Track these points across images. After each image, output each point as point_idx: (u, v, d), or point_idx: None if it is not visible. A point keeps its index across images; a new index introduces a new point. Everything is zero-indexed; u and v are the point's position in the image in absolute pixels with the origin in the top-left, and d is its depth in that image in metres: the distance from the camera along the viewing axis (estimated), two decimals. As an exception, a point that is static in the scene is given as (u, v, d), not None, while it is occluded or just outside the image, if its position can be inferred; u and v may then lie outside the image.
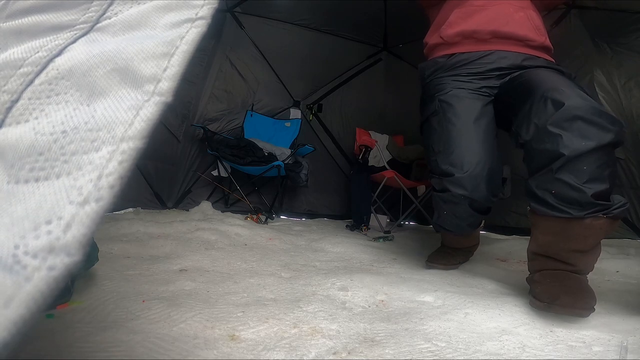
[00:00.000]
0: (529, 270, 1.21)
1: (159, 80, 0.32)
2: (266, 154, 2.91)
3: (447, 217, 1.47)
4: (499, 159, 1.46)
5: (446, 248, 1.68)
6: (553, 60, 1.47)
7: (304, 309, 1.04)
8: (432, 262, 1.62)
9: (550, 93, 1.14)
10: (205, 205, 2.78)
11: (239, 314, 0.96)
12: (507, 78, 1.41)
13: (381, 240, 2.31)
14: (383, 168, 3.03)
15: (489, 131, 1.43)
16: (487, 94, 1.45)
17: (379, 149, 3.16)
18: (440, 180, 1.42)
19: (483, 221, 1.64)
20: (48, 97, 0.34)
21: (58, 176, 0.28)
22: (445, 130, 1.43)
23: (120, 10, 0.41)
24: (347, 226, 2.81)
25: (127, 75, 0.33)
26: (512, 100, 1.33)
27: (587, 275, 1.14)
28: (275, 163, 2.70)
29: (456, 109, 1.43)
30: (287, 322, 0.93)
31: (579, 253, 1.09)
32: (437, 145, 1.45)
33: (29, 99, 0.34)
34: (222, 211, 2.81)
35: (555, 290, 1.03)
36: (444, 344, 0.86)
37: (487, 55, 1.45)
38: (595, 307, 1.00)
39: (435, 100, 1.50)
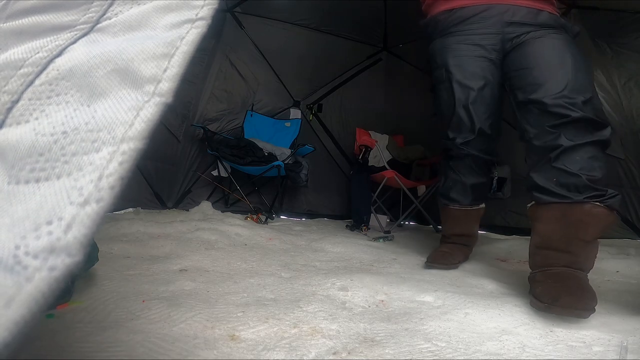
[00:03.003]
0: (530, 267, 1.22)
1: (159, 81, 0.32)
2: (266, 154, 2.91)
3: (453, 184, 1.63)
4: (500, 118, 1.57)
5: (445, 246, 1.69)
6: (557, 13, 1.43)
7: (304, 309, 1.04)
8: (431, 262, 1.61)
9: (551, 100, 1.20)
10: (205, 205, 2.78)
11: (239, 314, 0.96)
12: (510, 49, 1.40)
13: (381, 240, 2.31)
14: (383, 168, 3.03)
15: (493, 96, 1.49)
16: (492, 58, 1.45)
17: (379, 149, 3.16)
18: (445, 143, 1.61)
19: (484, 206, 1.72)
20: (48, 97, 0.34)
21: (58, 177, 0.28)
22: (451, 99, 1.53)
23: (120, 11, 0.41)
24: (347, 226, 2.81)
25: (128, 76, 0.33)
26: (514, 89, 1.36)
27: (587, 275, 1.14)
28: (275, 163, 2.70)
29: (460, 78, 1.49)
30: (287, 322, 0.93)
31: (581, 242, 1.12)
32: (443, 112, 1.59)
33: (30, 99, 0.34)
34: (222, 211, 2.82)
35: (556, 290, 1.03)
36: (444, 344, 0.86)
37: (487, 10, 1.44)
38: (595, 307, 1.00)
39: (441, 68, 1.55)
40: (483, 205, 1.71)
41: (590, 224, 1.13)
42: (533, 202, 1.26)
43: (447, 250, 1.65)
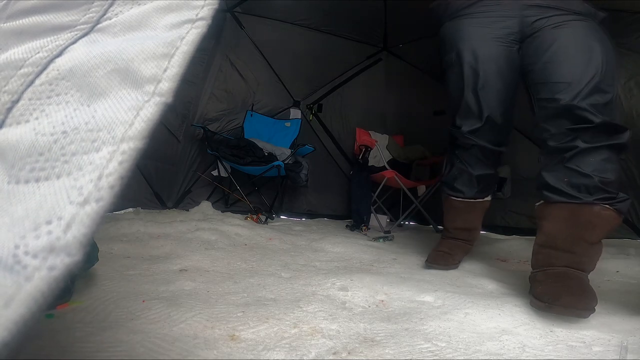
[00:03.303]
0: (532, 266, 1.21)
1: (159, 81, 0.32)
2: (266, 154, 2.91)
3: (458, 174, 1.57)
4: (512, 107, 1.47)
5: (445, 244, 1.66)
6: None
7: (304, 309, 1.04)
8: (431, 263, 1.59)
9: (575, 103, 1.14)
10: (205, 205, 2.78)
11: (239, 314, 0.96)
12: (530, 34, 1.30)
13: (381, 240, 2.31)
14: (383, 168, 3.04)
15: (506, 83, 1.40)
16: (507, 42, 1.36)
17: (379, 149, 3.16)
18: (452, 131, 1.55)
19: (489, 199, 1.65)
20: (48, 97, 0.34)
21: (58, 176, 0.28)
22: (460, 84, 1.45)
23: (120, 11, 0.41)
24: (347, 226, 2.81)
25: (128, 76, 0.33)
26: (535, 83, 1.28)
27: (588, 276, 1.14)
28: (275, 163, 2.70)
29: (470, 61, 1.41)
30: (287, 322, 0.93)
31: (586, 243, 1.12)
32: (451, 98, 1.52)
33: (30, 99, 0.35)
34: (222, 211, 2.82)
35: (557, 290, 1.03)
36: (444, 344, 0.86)
37: None
38: (595, 307, 1.00)
39: (452, 51, 1.46)
40: (488, 198, 1.64)
41: (597, 226, 1.12)
42: (541, 201, 1.24)
43: (446, 251, 1.63)
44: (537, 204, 1.26)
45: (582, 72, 1.16)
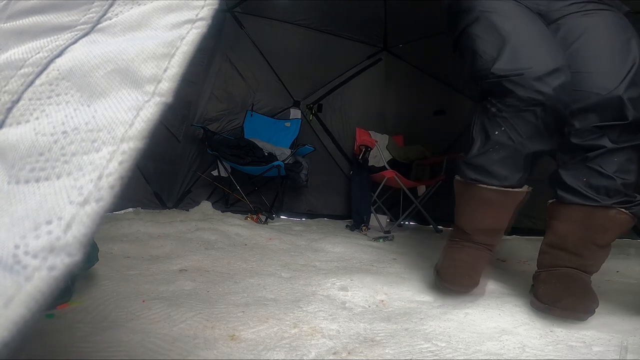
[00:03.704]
0: (537, 266, 1.19)
1: (159, 81, 0.32)
2: (266, 154, 2.91)
3: (498, 151, 1.12)
4: (568, 69, 1.10)
5: (462, 252, 1.21)
6: None
7: (304, 309, 1.04)
8: (450, 284, 1.15)
9: (610, 95, 1.04)
10: (205, 205, 2.79)
11: (239, 314, 0.96)
12: (556, 18, 1.15)
13: (381, 240, 2.31)
14: (383, 168, 3.04)
15: (551, 38, 1.13)
16: (536, 13, 1.18)
17: (379, 149, 3.16)
18: (492, 84, 1.10)
19: (526, 187, 1.19)
20: (49, 97, 0.34)
21: (58, 176, 0.28)
22: (497, 30, 1.12)
23: (120, 11, 0.41)
24: (347, 226, 2.81)
25: (128, 76, 0.33)
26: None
27: (591, 277, 1.13)
28: (275, 163, 2.70)
29: (505, 9, 1.15)
30: (287, 322, 0.93)
31: (595, 247, 1.09)
32: (491, 49, 1.11)
33: (30, 99, 0.35)
34: (222, 211, 2.82)
35: (558, 292, 1.03)
36: (444, 344, 0.86)
37: None
38: (595, 309, 1.00)
39: (472, 10, 1.18)
40: (526, 188, 1.17)
41: (610, 230, 1.08)
42: (554, 199, 1.19)
43: (466, 259, 1.19)
44: (550, 201, 1.20)
45: (621, 62, 1.06)
